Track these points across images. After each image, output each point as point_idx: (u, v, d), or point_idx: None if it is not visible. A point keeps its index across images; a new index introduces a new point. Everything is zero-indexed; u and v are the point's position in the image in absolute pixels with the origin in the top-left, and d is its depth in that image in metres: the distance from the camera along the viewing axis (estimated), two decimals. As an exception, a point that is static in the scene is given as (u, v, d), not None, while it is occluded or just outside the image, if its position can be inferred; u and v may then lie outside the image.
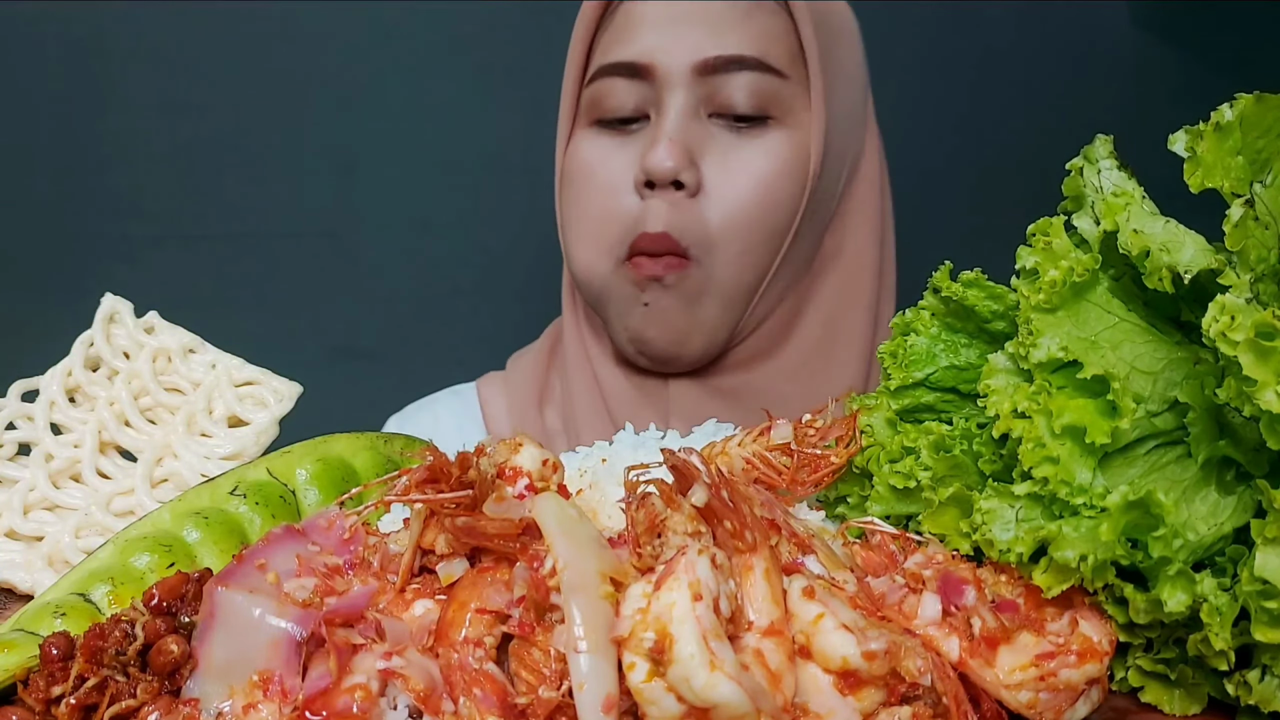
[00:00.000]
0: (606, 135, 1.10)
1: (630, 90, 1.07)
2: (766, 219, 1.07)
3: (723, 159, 1.06)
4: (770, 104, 1.06)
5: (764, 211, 1.06)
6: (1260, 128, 0.61)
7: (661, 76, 1.05)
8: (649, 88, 1.07)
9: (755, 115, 1.06)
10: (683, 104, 1.05)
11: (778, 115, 1.07)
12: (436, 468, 0.59)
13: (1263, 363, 0.53)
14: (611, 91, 1.08)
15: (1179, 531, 0.58)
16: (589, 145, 1.11)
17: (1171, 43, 1.77)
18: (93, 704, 0.54)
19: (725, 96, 1.05)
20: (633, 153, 1.08)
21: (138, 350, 0.85)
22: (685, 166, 1.04)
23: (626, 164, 1.08)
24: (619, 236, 1.08)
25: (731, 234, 1.06)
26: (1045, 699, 0.55)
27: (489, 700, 0.52)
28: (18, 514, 0.78)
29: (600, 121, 1.11)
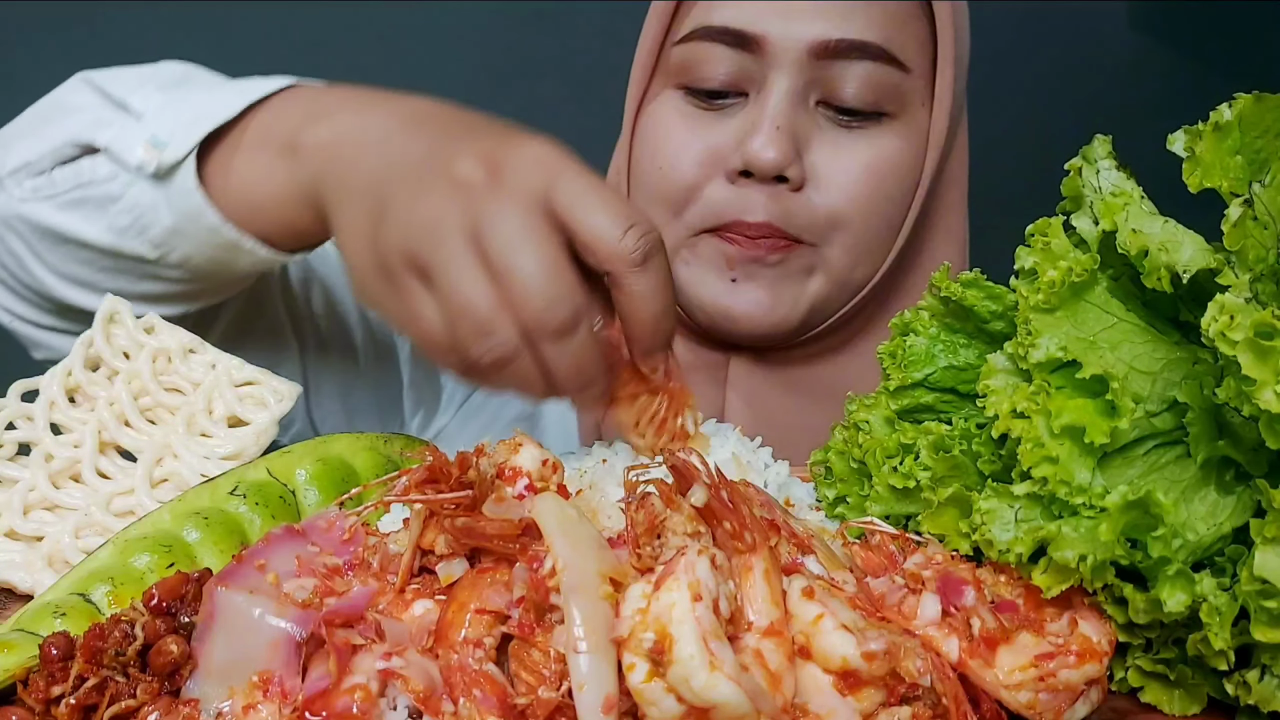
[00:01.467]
0: (694, 104, 1.01)
1: (730, 60, 0.97)
2: (878, 214, 1.00)
3: (829, 154, 0.98)
4: (887, 99, 0.97)
5: (875, 207, 0.99)
6: (1259, 128, 0.61)
7: (771, 52, 0.95)
8: (753, 61, 0.97)
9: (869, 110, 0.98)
10: (790, 87, 0.96)
11: (893, 111, 0.99)
12: (436, 468, 0.59)
13: (1262, 362, 0.53)
14: (708, 58, 0.98)
15: (1178, 531, 0.58)
16: (673, 109, 1.01)
17: (1169, 44, 1.77)
18: (93, 704, 0.54)
19: (839, 86, 0.96)
20: (727, 130, 0.99)
21: (138, 350, 0.85)
22: (790, 161, 0.95)
23: (718, 140, 0.99)
24: (703, 213, 1.00)
25: (843, 227, 0.99)
26: (1045, 699, 0.55)
27: (489, 701, 0.52)
28: (18, 514, 0.77)
29: (689, 87, 1.01)
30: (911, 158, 1.01)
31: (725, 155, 0.99)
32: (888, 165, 0.99)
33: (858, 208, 0.99)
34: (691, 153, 1.00)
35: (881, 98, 0.98)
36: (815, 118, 0.98)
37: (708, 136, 1.00)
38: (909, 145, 1.00)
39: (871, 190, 0.99)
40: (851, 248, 1.01)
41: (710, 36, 0.98)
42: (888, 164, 0.99)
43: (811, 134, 0.98)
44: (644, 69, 1.04)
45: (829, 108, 0.98)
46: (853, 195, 0.98)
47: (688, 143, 1.00)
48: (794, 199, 0.98)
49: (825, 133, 0.98)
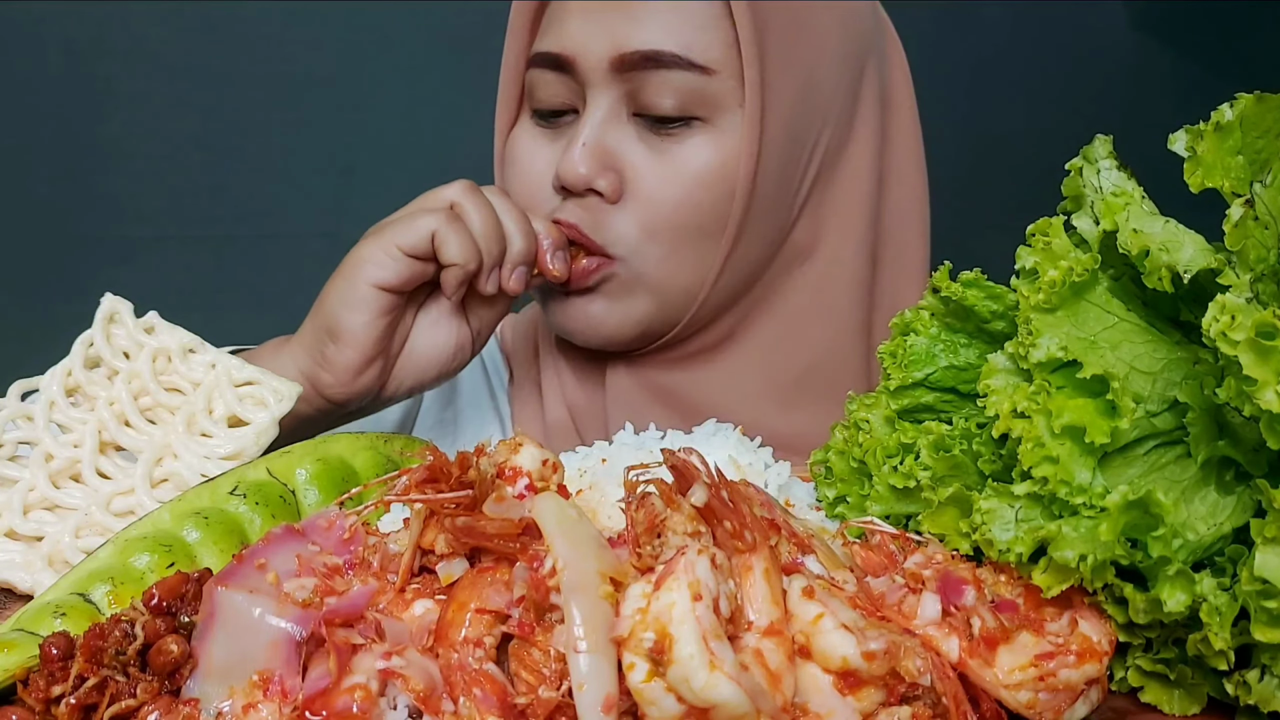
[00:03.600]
0: (540, 126, 1.06)
1: (557, 83, 1.01)
2: (695, 221, 1.00)
3: (644, 163, 0.99)
4: (695, 104, 0.98)
5: (690, 216, 1.00)
6: (1260, 128, 0.61)
7: (582, 72, 0.99)
8: (573, 81, 1.01)
9: (679, 116, 0.98)
10: (603, 104, 0.99)
11: (705, 116, 0.98)
12: (436, 467, 0.59)
13: (1263, 362, 0.53)
14: (541, 83, 1.03)
15: (1178, 531, 0.58)
16: (523, 134, 1.07)
17: (1169, 44, 1.77)
18: (93, 704, 0.54)
19: (646, 96, 0.98)
20: (559, 148, 1.02)
21: (137, 350, 0.85)
22: (599, 174, 0.98)
23: (553, 157, 1.03)
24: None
25: (657, 237, 1.00)
26: (1045, 699, 0.55)
27: (489, 700, 0.52)
28: (18, 514, 0.77)
29: (536, 111, 1.06)
30: (730, 161, 1.00)
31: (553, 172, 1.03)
32: (700, 173, 0.99)
33: (668, 218, 1.00)
34: (534, 172, 1.05)
35: (687, 103, 0.98)
36: (630, 129, 1.00)
37: (545, 155, 1.04)
38: (724, 150, 1.00)
39: (682, 199, 0.99)
40: (665, 259, 1.01)
41: (539, 63, 1.03)
42: (701, 172, 0.99)
43: (626, 145, 1.00)
44: (505, 99, 1.10)
45: (642, 118, 1.00)
46: (665, 207, 1.00)
47: (532, 164, 1.05)
48: (608, 211, 1.00)
49: (641, 144, 1.00)
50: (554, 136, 1.04)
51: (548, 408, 1.17)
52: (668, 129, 0.99)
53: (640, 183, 0.99)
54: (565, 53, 1.00)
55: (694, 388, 1.10)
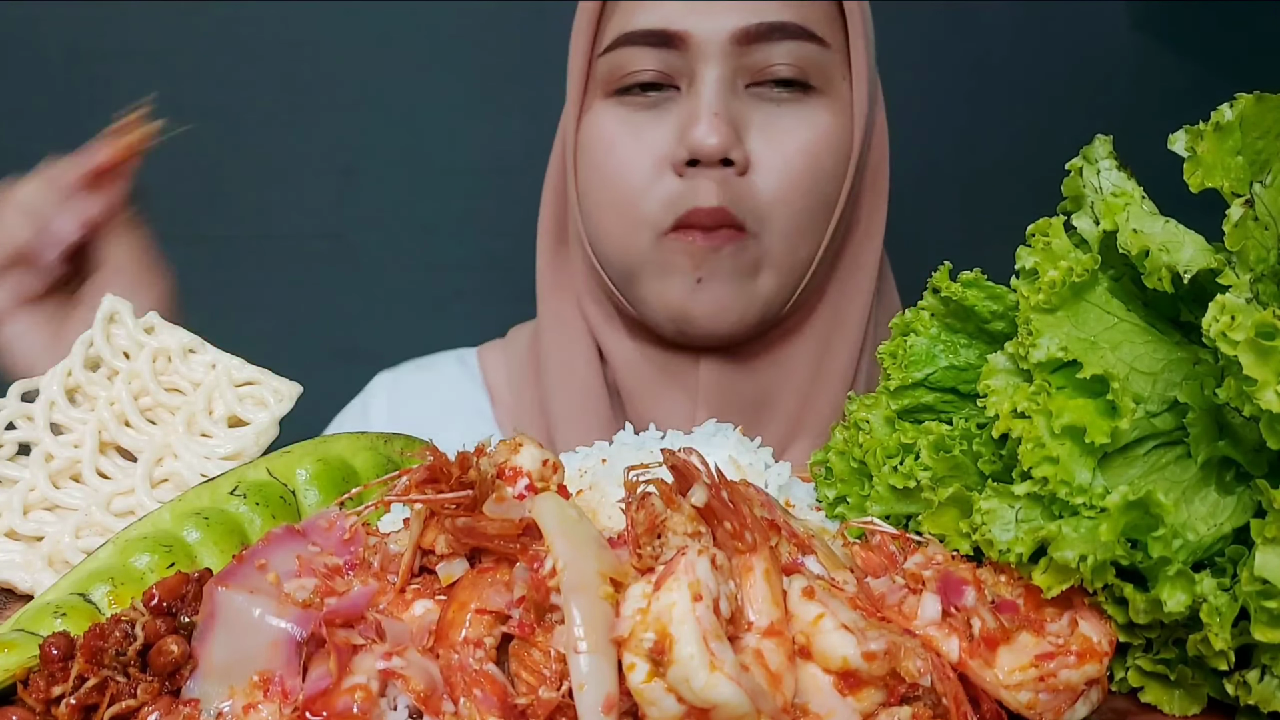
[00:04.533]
0: (629, 108, 1.03)
1: (657, 59, 1.00)
2: (817, 190, 1.02)
3: (766, 132, 1.00)
4: (812, 72, 1.01)
5: (814, 183, 1.02)
6: (1260, 128, 0.61)
7: (696, 46, 0.98)
8: (679, 57, 1.00)
9: (797, 84, 1.01)
10: (720, 75, 0.99)
11: (819, 85, 1.02)
12: (436, 468, 0.59)
13: (1263, 362, 0.53)
14: (634, 60, 1.01)
15: (1178, 532, 0.58)
16: (610, 119, 1.04)
17: (1170, 44, 1.77)
18: (93, 704, 0.54)
19: (765, 65, 0.99)
20: (665, 128, 1.01)
21: (138, 350, 0.85)
22: (733, 143, 0.98)
23: (659, 139, 1.01)
24: (659, 212, 1.01)
25: (784, 207, 1.01)
26: (1045, 699, 0.55)
27: (489, 701, 0.52)
28: (18, 514, 0.78)
29: (620, 92, 1.03)
30: (841, 131, 1.03)
31: (669, 150, 1.01)
32: (822, 140, 1.02)
33: (798, 187, 1.01)
34: (636, 154, 1.02)
35: (805, 72, 1.01)
36: (747, 100, 1.01)
37: (648, 136, 1.02)
38: (836, 119, 1.03)
39: (809, 167, 1.02)
40: (790, 231, 1.03)
41: (633, 41, 1.01)
42: (821, 139, 1.02)
43: (747, 118, 1.01)
44: (577, 84, 1.07)
45: (759, 87, 1.01)
46: (792, 175, 1.01)
47: (630, 145, 1.03)
48: (741, 184, 1.00)
49: (760, 114, 1.01)
50: (652, 116, 1.02)
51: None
52: (785, 99, 1.01)
53: (766, 152, 1.00)
54: (674, 28, 0.99)
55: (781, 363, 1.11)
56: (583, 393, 1.13)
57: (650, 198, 1.01)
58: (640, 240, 1.03)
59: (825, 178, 1.02)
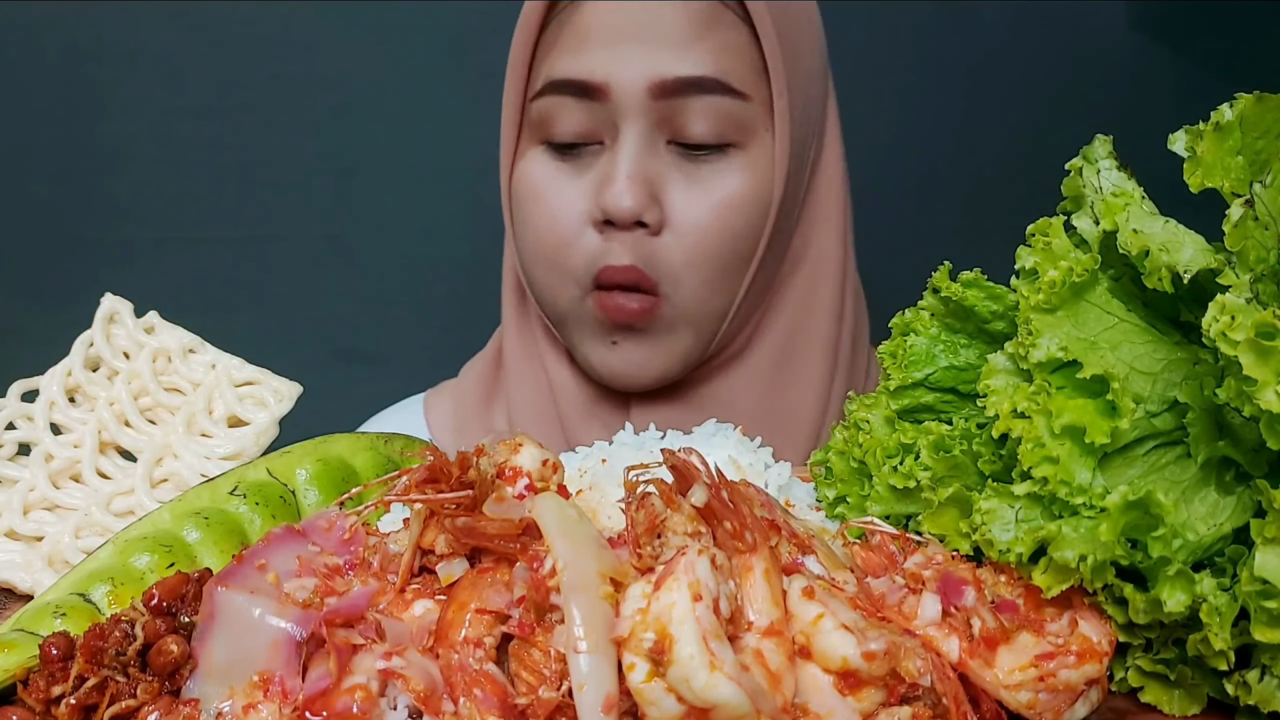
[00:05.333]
0: (557, 159, 1.03)
1: (581, 111, 0.99)
2: (728, 248, 1.01)
3: (683, 190, 0.99)
4: (730, 130, 0.99)
5: (730, 240, 1.01)
6: (1260, 128, 0.61)
7: (615, 99, 0.97)
8: (602, 109, 0.99)
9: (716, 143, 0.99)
10: (639, 133, 0.98)
11: (738, 141, 1.00)
12: (436, 468, 0.59)
13: (1263, 362, 0.53)
14: (560, 112, 1.00)
15: (1178, 531, 0.58)
16: (539, 168, 1.03)
17: (1169, 44, 1.77)
18: (93, 704, 0.54)
19: (684, 123, 0.98)
20: (588, 182, 1.01)
21: (138, 350, 0.85)
22: (646, 206, 0.97)
23: (581, 192, 1.01)
24: (582, 268, 1.02)
25: (698, 266, 1.01)
26: (1045, 699, 0.55)
27: (489, 701, 0.52)
28: (18, 514, 0.78)
29: (550, 143, 1.03)
30: (760, 186, 1.01)
31: (589, 206, 1.00)
32: (735, 199, 1.00)
33: (709, 249, 1.00)
34: (560, 208, 1.02)
35: (725, 129, 0.99)
36: (666, 157, 1.00)
37: (572, 190, 1.01)
38: (755, 175, 1.01)
39: (721, 228, 1.00)
40: (700, 288, 1.02)
41: (558, 90, 1.00)
42: (735, 198, 1.00)
43: (664, 173, 0.99)
44: (510, 129, 1.07)
45: (678, 145, 1.00)
46: (704, 236, 1.00)
47: (556, 198, 1.02)
48: (654, 243, 1.00)
49: (678, 172, 1.00)
50: (577, 169, 1.02)
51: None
52: (703, 156, 1.00)
53: (681, 212, 0.99)
54: (596, 80, 0.98)
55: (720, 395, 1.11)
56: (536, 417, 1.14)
57: (574, 251, 1.02)
58: (567, 293, 1.04)
59: (738, 235, 1.01)
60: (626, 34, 0.97)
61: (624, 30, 0.98)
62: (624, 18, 0.98)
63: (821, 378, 1.12)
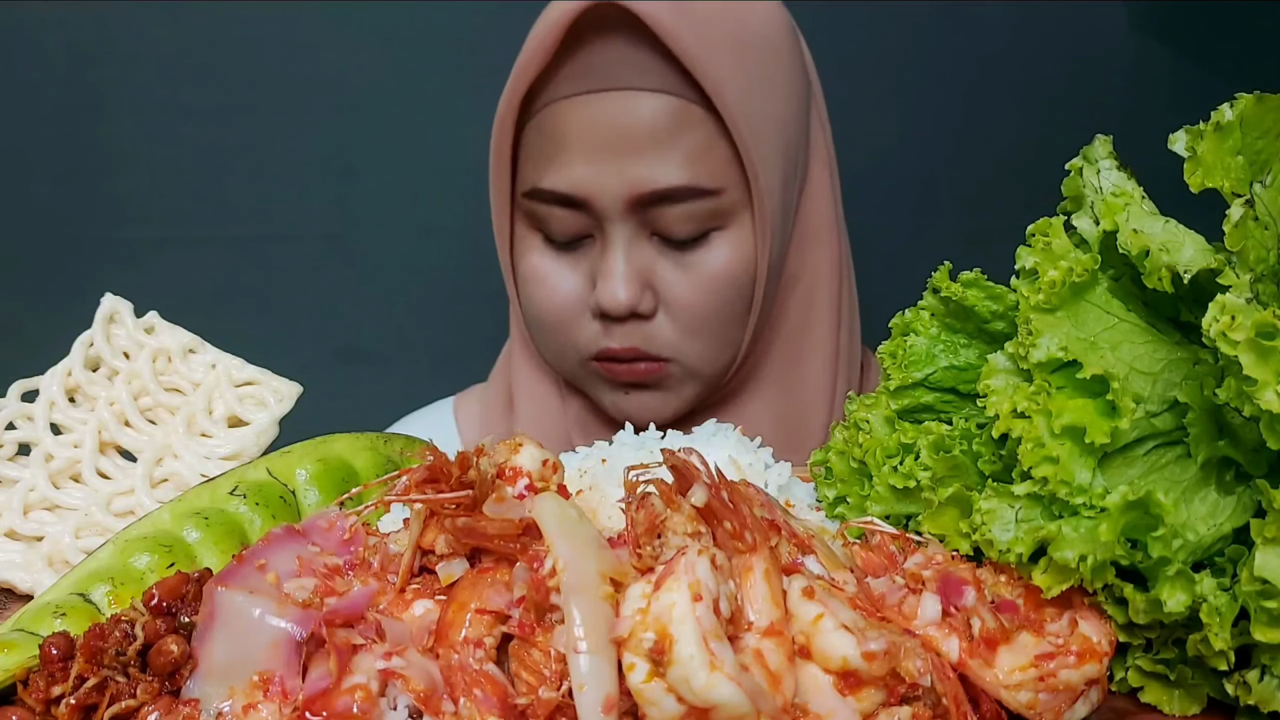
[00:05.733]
0: (554, 250, 1.09)
1: (569, 217, 1.05)
2: (725, 314, 1.08)
3: (673, 274, 1.05)
4: (709, 220, 1.04)
5: (722, 308, 1.07)
6: (1260, 128, 0.61)
7: (598, 210, 1.03)
8: (587, 215, 1.05)
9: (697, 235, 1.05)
10: (624, 234, 1.04)
11: (720, 224, 1.05)
12: (436, 468, 0.59)
13: (1263, 362, 0.53)
14: (550, 216, 1.06)
15: (1178, 531, 0.58)
16: (536, 255, 1.10)
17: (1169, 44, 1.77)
18: (93, 704, 0.54)
19: (665, 225, 1.04)
20: (583, 273, 1.07)
21: (138, 350, 0.85)
22: (638, 298, 1.04)
23: (579, 283, 1.07)
24: (584, 345, 1.09)
25: (694, 339, 1.07)
26: (1045, 699, 0.55)
27: (489, 701, 0.52)
28: (18, 514, 0.78)
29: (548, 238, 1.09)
30: (746, 254, 1.07)
31: (584, 295, 1.07)
32: (725, 276, 1.06)
33: (706, 321, 1.07)
34: (559, 295, 1.09)
35: (703, 223, 1.04)
36: (652, 248, 1.06)
37: (569, 280, 1.08)
38: (739, 248, 1.06)
39: (714, 301, 1.07)
40: (704, 352, 1.09)
41: (543, 199, 1.06)
42: (724, 275, 1.06)
43: (655, 263, 1.06)
44: (503, 220, 1.13)
45: (662, 237, 1.05)
46: (699, 311, 1.07)
47: (555, 286, 1.09)
48: (651, 325, 1.07)
49: (666, 259, 1.06)
50: (574, 260, 1.08)
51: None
52: (687, 245, 1.05)
53: (673, 294, 1.06)
54: (578, 194, 1.03)
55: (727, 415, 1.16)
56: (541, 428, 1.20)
57: (575, 330, 1.09)
58: (569, 361, 1.12)
59: (732, 301, 1.08)
60: (599, 146, 1.02)
61: (597, 142, 1.02)
62: (595, 129, 1.02)
63: (824, 385, 1.18)
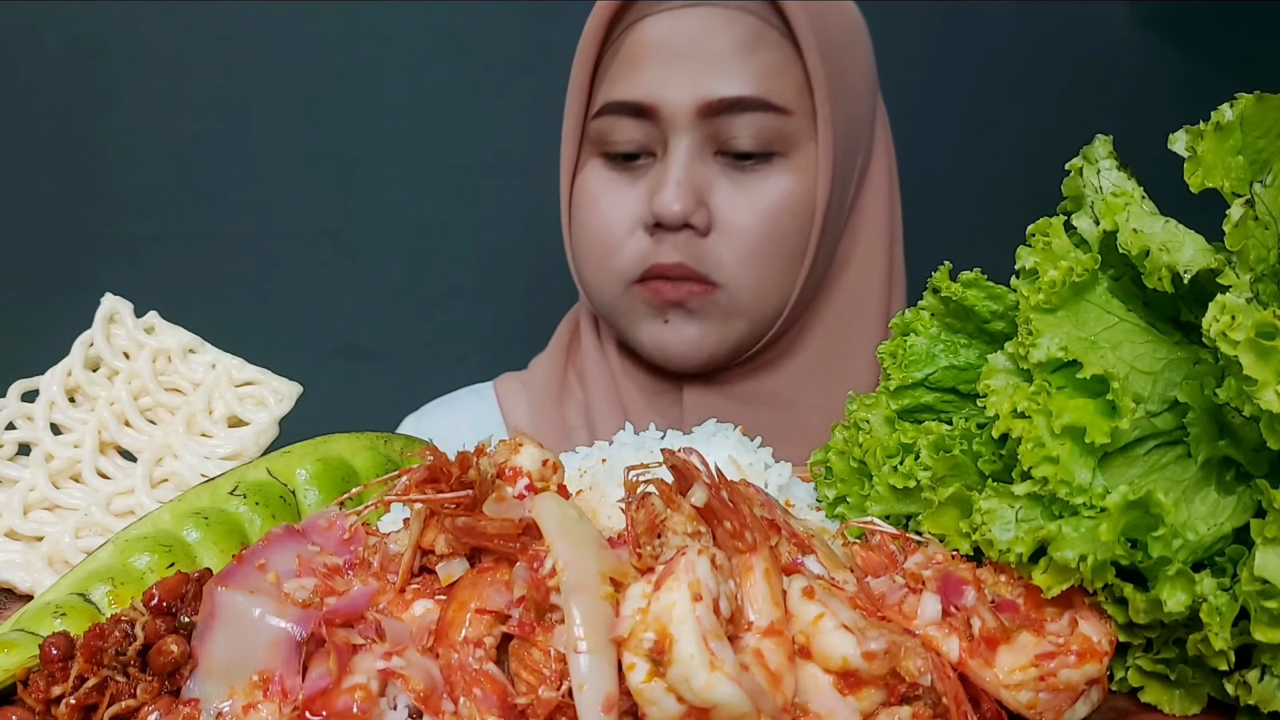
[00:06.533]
0: (613, 169, 1.12)
1: (635, 128, 1.09)
2: (780, 249, 1.09)
3: (730, 196, 1.08)
4: (774, 141, 1.07)
5: (776, 243, 1.09)
6: (1260, 128, 0.61)
7: (665, 117, 1.07)
8: (654, 126, 1.08)
9: (760, 153, 1.07)
10: (688, 145, 1.07)
11: (783, 150, 1.08)
12: (436, 468, 0.59)
13: (1263, 362, 0.53)
14: (617, 128, 1.10)
15: (1178, 531, 0.57)
16: (596, 178, 1.13)
17: (1171, 44, 1.77)
18: (93, 704, 0.54)
19: (729, 137, 1.07)
20: (641, 189, 1.10)
21: (138, 350, 0.85)
22: (694, 209, 1.06)
23: (634, 199, 1.10)
24: (631, 265, 1.10)
25: (747, 266, 1.09)
26: (1045, 699, 0.55)
27: (489, 700, 0.52)
28: (18, 514, 0.78)
29: (607, 155, 1.12)
30: (805, 191, 1.10)
31: (641, 212, 1.10)
32: (782, 203, 1.09)
33: (760, 248, 1.09)
34: (614, 213, 1.12)
35: (769, 141, 1.08)
36: (714, 165, 1.09)
37: (626, 197, 1.11)
38: (801, 180, 1.09)
39: (770, 229, 1.09)
40: (757, 285, 1.11)
41: (615, 111, 1.10)
42: (782, 202, 1.09)
43: (713, 182, 1.08)
44: (571, 144, 1.16)
45: (725, 155, 1.08)
46: (754, 237, 1.09)
47: (611, 204, 1.12)
48: (703, 244, 1.09)
49: (725, 179, 1.09)
50: (632, 179, 1.11)
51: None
52: (749, 165, 1.08)
53: (729, 215, 1.08)
54: (648, 101, 1.07)
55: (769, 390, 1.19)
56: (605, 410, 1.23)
57: (623, 252, 1.11)
58: (613, 288, 1.14)
59: (787, 236, 1.10)
60: (675, 56, 1.07)
61: (673, 53, 1.07)
62: (673, 41, 1.07)
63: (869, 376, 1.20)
